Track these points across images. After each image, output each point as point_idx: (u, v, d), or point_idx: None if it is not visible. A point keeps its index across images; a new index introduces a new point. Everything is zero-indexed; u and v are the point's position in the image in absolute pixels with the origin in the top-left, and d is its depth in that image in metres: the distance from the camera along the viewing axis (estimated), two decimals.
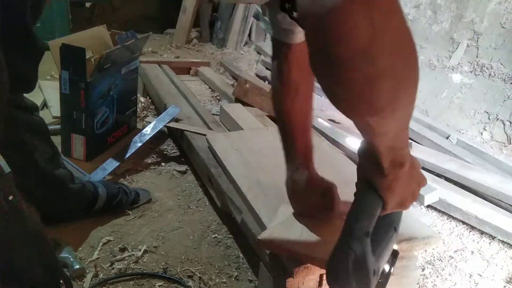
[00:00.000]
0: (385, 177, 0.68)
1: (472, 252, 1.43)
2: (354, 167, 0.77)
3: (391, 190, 0.70)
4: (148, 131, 1.79)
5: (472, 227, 1.54)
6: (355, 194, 0.74)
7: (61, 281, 0.91)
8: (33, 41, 1.13)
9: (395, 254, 0.84)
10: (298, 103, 0.97)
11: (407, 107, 0.57)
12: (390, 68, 0.49)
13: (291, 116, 0.98)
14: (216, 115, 2.05)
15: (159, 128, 1.81)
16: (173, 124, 1.82)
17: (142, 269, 1.21)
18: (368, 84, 0.48)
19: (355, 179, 0.76)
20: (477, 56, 2.31)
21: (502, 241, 1.48)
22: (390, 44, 0.47)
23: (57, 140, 1.64)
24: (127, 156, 1.68)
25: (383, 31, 0.46)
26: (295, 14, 0.80)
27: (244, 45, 3.49)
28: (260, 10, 0.94)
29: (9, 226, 0.75)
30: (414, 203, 1.61)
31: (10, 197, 0.75)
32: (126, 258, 1.24)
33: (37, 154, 1.23)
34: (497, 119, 2.20)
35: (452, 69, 2.40)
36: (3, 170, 0.75)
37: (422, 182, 0.76)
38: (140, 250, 1.27)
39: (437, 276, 1.31)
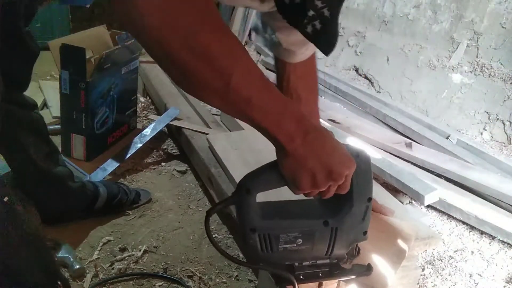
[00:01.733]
0: (277, 153, 0.73)
1: (472, 252, 1.43)
2: None
3: (283, 166, 0.73)
4: (148, 132, 1.79)
5: (472, 227, 1.54)
6: None
7: (59, 283, 0.91)
8: (26, 43, 1.14)
9: (370, 269, 0.87)
10: (303, 109, 0.98)
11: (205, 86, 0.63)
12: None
13: None
14: (216, 115, 2.05)
15: (159, 129, 1.81)
16: (176, 122, 1.82)
17: (142, 269, 1.21)
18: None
19: None
20: (477, 56, 2.31)
21: (502, 241, 1.48)
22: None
23: (57, 140, 1.64)
24: (127, 157, 1.68)
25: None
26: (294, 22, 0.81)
27: (244, 45, 3.49)
28: (260, 25, 0.94)
29: (4, 228, 0.75)
30: (414, 203, 1.61)
31: (5, 198, 0.75)
32: (126, 258, 1.24)
33: (33, 151, 1.23)
34: (497, 119, 2.20)
35: (452, 69, 2.40)
36: None
37: (344, 166, 0.73)
38: (140, 250, 1.27)
39: (437, 276, 1.31)
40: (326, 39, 0.77)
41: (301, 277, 0.83)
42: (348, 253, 0.86)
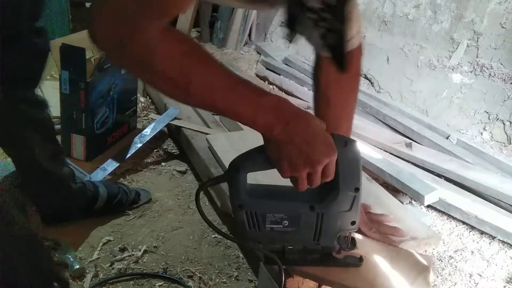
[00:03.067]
0: (263, 138, 0.76)
1: (472, 252, 1.43)
2: None
3: (267, 150, 0.77)
4: (148, 132, 1.79)
5: (472, 227, 1.54)
6: None
7: (55, 284, 0.91)
8: (32, 40, 1.13)
9: (361, 261, 0.89)
10: (330, 115, 0.97)
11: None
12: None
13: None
14: (216, 115, 2.05)
15: (158, 129, 1.81)
16: (176, 122, 1.82)
17: (142, 269, 1.21)
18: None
19: None
20: (477, 56, 2.31)
21: (502, 241, 1.48)
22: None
23: None
24: (127, 157, 1.68)
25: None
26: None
27: (244, 45, 3.48)
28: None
29: None
30: (414, 203, 1.61)
31: None
32: (126, 258, 1.24)
33: (38, 151, 1.23)
34: (497, 119, 2.20)
35: (452, 69, 2.40)
36: None
37: (323, 154, 0.74)
38: (140, 250, 1.27)
39: (437, 276, 1.31)
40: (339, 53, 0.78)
41: (290, 258, 0.87)
42: (341, 243, 0.87)
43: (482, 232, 1.52)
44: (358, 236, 0.97)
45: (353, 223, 0.85)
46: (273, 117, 0.71)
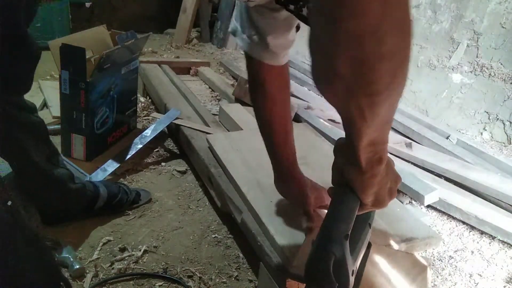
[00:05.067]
0: (362, 174, 0.65)
1: (472, 252, 1.43)
2: None
3: (368, 188, 0.68)
4: (149, 133, 1.79)
5: (472, 227, 1.54)
6: (331, 195, 0.72)
7: (61, 283, 0.91)
8: (27, 44, 1.13)
9: (368, 246, 0.85)
10: (277, 112, 1.03)
11: (401, 92, 0.56)
12: (394, 49, 0.48)
13: (272, 125, 1.04)
14: (216, 115, 2.06)
15: (159, 131, 1.81)
16: (177, 121, 1.82)
17: (142, 269, 1.21)
18: (372, 63, 0.48)
19: None
20: (477, 56, 2.32)
21: (502, 241, 1.48)
22: (398, 24, 0.48)
23: (57, 140, 1.64)
24: (127, 158, 1.68)
25: (393, 10, 0.46)
26: (291, 6, 0.81)
27: None
28: (239, 27, 0.95)
29: (7, 232, 0.75)
30: (414, 203, 1.61)
31: (9, 203, 0.75)
32: (126, 258, 1.24)
33: (34, 153, 1.23)
34: (497, 119, 2.20)
35: (452, 69, 2.40)
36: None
37: (397, 179, 0.74)
38: (140, 250, 1.27)
39: (437, 276, 1.31)
40: None
41: None
42: None
43: (482, 232, 1.52)
44: None
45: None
46: (383, 145, 0.65)
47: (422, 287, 0.91)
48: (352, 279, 0.68)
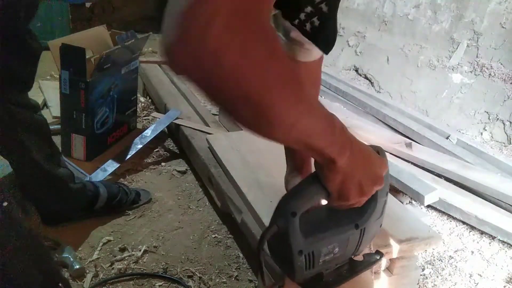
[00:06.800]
0: (321, 168, 0.68)
1: (472, 252, 1.43)
2: None
3: (329, 181, 0.69)
4: (149, 133, 1.79)
5: (472, 227, 1.54)
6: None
7: (60, 285, 0.91)
8: (27, 42, 1.13)
9: (380, 254, 0.87)
10: None
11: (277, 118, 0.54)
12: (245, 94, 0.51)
13: None
14: (217, 115, 2.05)
15: (159, 131, 1.81)
16: (178, 121, 1.82)
17: (142, 269, 1.21)
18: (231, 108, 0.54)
19: None
20: (477, 56, 2.31)
21: (502, 241, 1.48)
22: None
23: (57, 140, 1.63)
24: (127, 158, 1.68)
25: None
26: (296, 21, 0.80)
27: None
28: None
29: (3, 232, 0.75)
30: (414, 203, 1.61)
31: (5, 204, 0.75)
32: (126, 258, 1.24)
33: (35, 152, 1.23)
34: (497, 119, 2.20)
35: (452, 69, 2.40)
36: None
37: (377, 181, 0.73)
38: (140, 250, 1.27)
39: (437, 276, 1.31)
40: (325, 37, 0.76)
41: (330, 280, 0.83)
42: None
43: (482, 232, 1.52)
44: None
45: (380, 225, 0.84)
46: (344, 138, 0.65)
47: None
48: (299, 258, 0.73)
